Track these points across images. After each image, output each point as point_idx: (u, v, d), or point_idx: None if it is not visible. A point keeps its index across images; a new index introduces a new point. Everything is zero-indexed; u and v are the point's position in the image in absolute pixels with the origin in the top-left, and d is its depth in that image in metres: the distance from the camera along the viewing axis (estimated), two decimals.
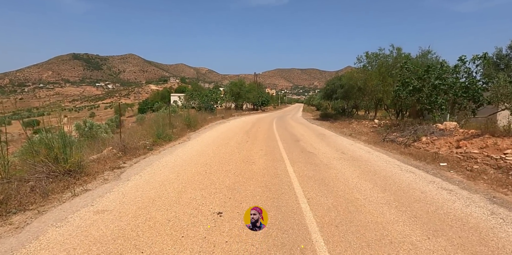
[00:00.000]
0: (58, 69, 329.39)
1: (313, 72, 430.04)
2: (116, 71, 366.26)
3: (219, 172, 5.71)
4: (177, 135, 10.81)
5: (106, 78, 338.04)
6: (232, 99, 42.18)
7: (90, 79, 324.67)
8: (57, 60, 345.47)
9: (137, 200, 4.15)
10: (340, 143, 10.23)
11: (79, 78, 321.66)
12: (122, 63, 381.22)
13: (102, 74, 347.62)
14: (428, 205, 4.09)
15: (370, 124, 16.73)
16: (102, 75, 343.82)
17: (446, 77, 10.61)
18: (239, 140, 10.23)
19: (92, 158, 6.33)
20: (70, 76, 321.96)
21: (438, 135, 9.32)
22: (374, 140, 11.02)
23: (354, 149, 9.08)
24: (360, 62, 20.16)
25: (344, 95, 24.37)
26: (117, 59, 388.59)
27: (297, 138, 11.30)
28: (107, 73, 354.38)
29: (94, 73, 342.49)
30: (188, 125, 12.98)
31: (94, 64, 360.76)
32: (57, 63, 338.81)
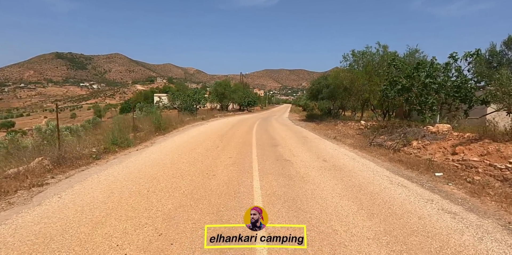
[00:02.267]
0: (40, 69, 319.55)
1: (301, 72, 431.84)
2: (102, 71, 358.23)
3: (164, 190, 4.51)
4: (140, 140, 9.53)
5: (91, 78, 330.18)
6: (216, 99, 40.89)
7: (74, 79, 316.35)
8: (39, 59, 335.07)
9: (28, 239, 2.92)
10: (323, 148, 9.18)
11: (62, 78, 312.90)
12: (108, 63, 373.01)
13: (87, 74, 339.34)
14: (429, 240, 3.02)
15: (357, 126, 15.82)
16: (87, 75, 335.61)
17: (437, 76, 9.73)
18: (209, 145, 9.04)
19: (10, 172, 5.03)
20: (53, 76, 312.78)
21: (430, 138, 8.38)
22: (360, 144, 10.04)
23: (337, 155, 8.03)
24: (346, 61, 19.27)
25: (330, 95, 23.48)
26: (103, 59, 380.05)
27: (276, 141, 10.20)
28: (92, 73, 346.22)
29: (78, 73, 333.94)
30: (157, 128, 11.69)
31: (79, 63, 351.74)
32: (39, 62, 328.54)
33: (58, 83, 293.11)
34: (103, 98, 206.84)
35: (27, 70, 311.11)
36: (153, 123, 11.65)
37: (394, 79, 10.67)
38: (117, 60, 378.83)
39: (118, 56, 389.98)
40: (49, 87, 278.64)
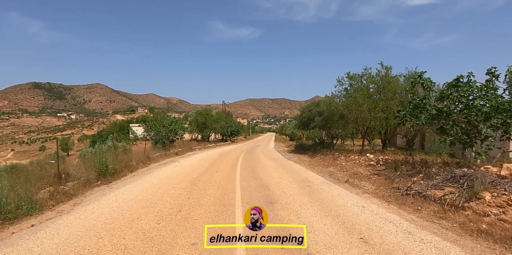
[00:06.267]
0: (15, 99, 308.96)
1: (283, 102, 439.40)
2: (81, 101, 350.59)
3: None
4: (60, 198, 6.06)
5: (70, 108, 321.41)
6: (196, 130, 37.67)
7: (52, 109, 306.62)
8: (15, 89, 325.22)
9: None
10: (342, 203, 6.06)
11: (39, 108, 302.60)
12: (88, 93, 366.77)
13: (65, 104, 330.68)
14: None
15: (363, 160, 12.94)
16: (65, 105, 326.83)
17: (487, 96, 7.16)
18: (167, 207, 5.69)
19: None
20: (28, 106, 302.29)
21: (507, 187, 5.50)
22: (388, 192, 7.04)
23: (374, 221, 4.91)
24: (341, 85, 16.90)
25: (323, 124, 20.89)
26: (83, 89, 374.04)
27: (271, 193, 6.99)
28: (71, 103, 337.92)
29: (56, 103, 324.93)
30: (102, 174, 8.26)
31: (57, 93, 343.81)
32: (15, 92, 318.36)
33: (34, 114, 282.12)
34: (80, 128, 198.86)
35: (1, 100, 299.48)
36: (96, 167, 8.23)
37: (424, 102, 8.01)
38: (98, 90, 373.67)
39: (99, 86, 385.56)
40: (23, 118, 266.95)
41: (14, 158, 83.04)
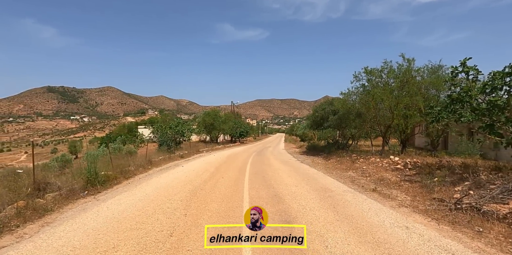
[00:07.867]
0: (30, 103, 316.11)
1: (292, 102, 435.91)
2: (93, 104, 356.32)
3: None
4: (31, 215, 4.98)
5: (83, 111, 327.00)
6: (204, 131, 36.68)
7: (65, 112, 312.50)
8: (30, 93, 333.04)
9: None
10: (378, 223, 4.76)
11: (53, 112, 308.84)
12: (100, 96, 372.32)
13: (78, 107, 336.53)
14: None
15: (386, 163, 11.54)
16: (78, 108, 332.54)
17: None
18: (156, 229, 4.52)
19: None
20: (43, 110, 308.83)
21: None
22: (430, 206, 5.69)
23: (429, 252, 3.61)
24: (358, 81, 15.49)
25: (337, 123, 19.48)
26: (95, 92, 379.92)
27: (286, 208, 5.73)
28: (84, 106, 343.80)
29: (69, 106, 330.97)
30: (90, 183, 7.18)
31: (70, 97, 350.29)
32: (30, 96, 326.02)
33: (48, 117, 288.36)
34: (92, 131, 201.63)
35: (17, 104, 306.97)
36: (84, 175, 7.14)
37: (468, 95, 6.63)
38: (109, 93, 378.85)
39: (111, 89, 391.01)
40: (38, 121, 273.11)
41: (27, 160, 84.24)
